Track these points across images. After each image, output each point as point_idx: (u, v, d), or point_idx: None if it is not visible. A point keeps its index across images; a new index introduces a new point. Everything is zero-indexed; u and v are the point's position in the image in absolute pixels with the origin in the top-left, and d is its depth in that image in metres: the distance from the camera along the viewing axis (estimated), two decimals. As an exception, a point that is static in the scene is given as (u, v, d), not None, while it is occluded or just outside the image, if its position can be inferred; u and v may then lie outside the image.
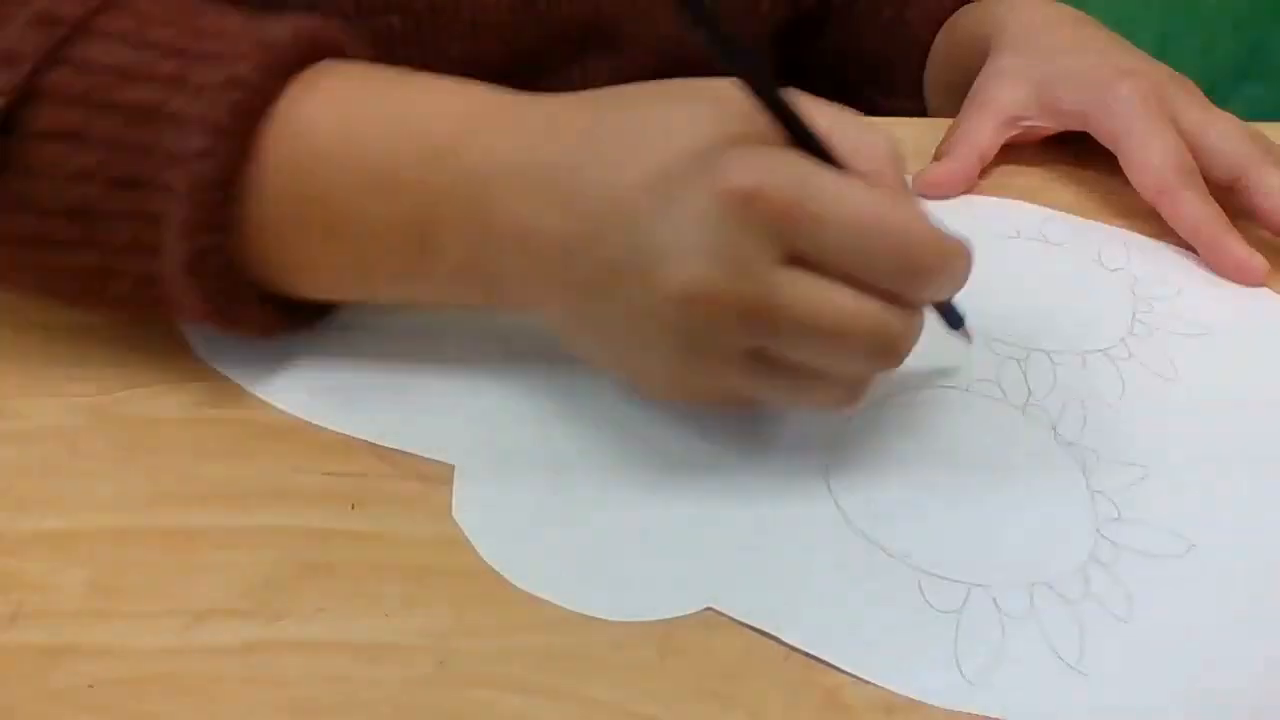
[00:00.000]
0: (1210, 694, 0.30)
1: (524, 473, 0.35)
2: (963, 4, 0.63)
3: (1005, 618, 0.31)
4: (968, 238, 0.32)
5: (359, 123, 0.34)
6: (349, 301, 0.39)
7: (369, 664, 0.30)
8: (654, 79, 0.33)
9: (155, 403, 0.37)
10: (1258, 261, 0.46)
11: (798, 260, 0.31)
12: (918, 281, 0.32)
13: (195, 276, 0.33)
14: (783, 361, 0.32)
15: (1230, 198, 0.48)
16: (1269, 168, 0.47)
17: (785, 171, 0.30)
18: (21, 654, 0.30)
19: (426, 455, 0.36)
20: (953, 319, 0.38)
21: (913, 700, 0.29)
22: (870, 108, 0.64)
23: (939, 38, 0.64)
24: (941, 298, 0.35)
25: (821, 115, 0.32)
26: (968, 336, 0.39)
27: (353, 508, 0.34)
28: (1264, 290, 0.46)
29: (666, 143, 0.32)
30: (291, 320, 0.38)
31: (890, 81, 0.67)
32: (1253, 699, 0.30)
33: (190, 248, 0.33)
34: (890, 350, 0.32)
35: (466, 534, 0.33)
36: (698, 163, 0.31)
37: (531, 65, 0.58)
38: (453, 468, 0.35)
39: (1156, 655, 0.31)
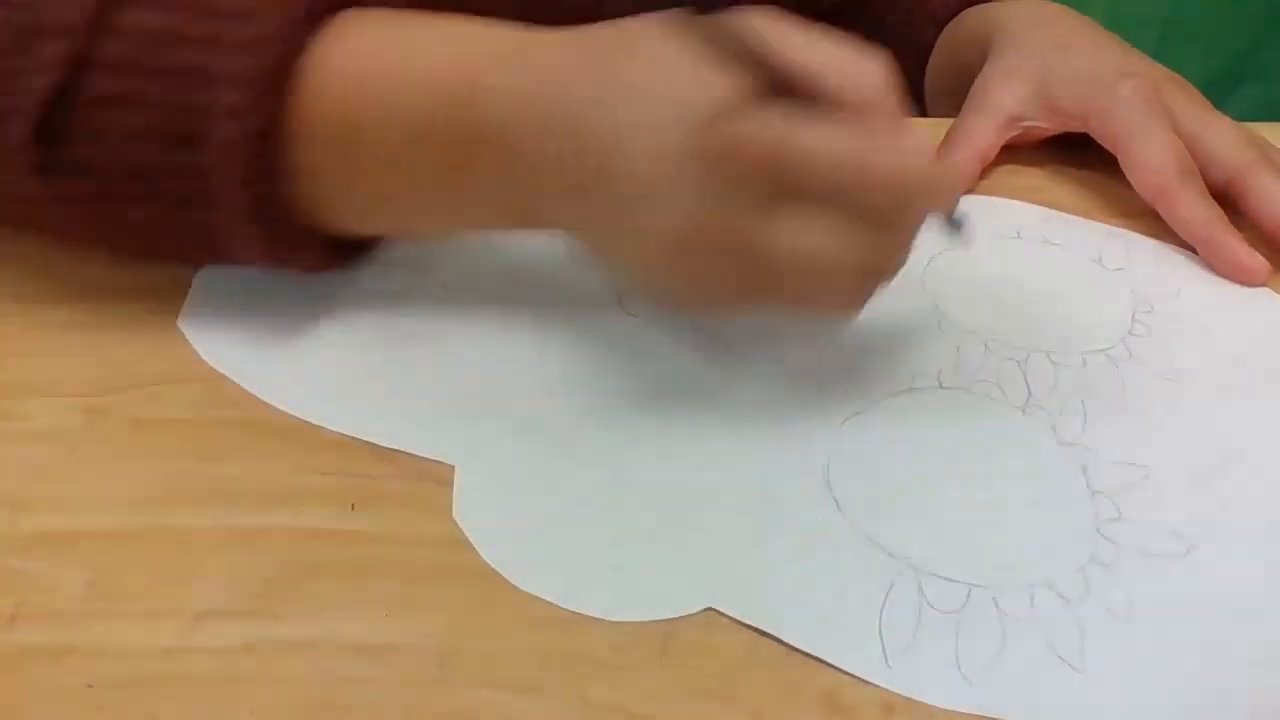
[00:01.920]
0: (1210, 694, 0.30)
1: (524, 473, 0.35)
2: (964, 7, 0.63)
3: (1005, 618, 0.31)
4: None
5: (386, 73, 0.36)
6: (396, 236, 0.42)
7: (369, 664, 0.30)
8: None
9: (155, 403, 0.37)
10: (1258, 262, 0.46)
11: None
12: (911, 212, 0.34)
13: (257, 223, 0.36)
14: (782, 246, 0.33)
15: (1226, 201, 0.48)
16: (1265, 171, 0.47)
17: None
18: (21, 654, 0.30)
19: (426, 455, 0.36)
20: (952, 222, 0.39)
21: (913, 700, 0.29)
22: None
23: (940, 40, 0.64)
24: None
25: (811, 48, 0.33)
26: (968, 241, 0.39)
27: (353, 508, 0.34)
28: (1264, 290, 0.46)
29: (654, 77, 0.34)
30: (338, 259, 0.40)
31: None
32: (1252, 699, 0.30)
33: (250, 195, 0.35)
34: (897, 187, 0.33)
35: (466, 534, 0.33)
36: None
37: None
38: (453, 468, 0.35)
39: (1156, 655, 0.31)
